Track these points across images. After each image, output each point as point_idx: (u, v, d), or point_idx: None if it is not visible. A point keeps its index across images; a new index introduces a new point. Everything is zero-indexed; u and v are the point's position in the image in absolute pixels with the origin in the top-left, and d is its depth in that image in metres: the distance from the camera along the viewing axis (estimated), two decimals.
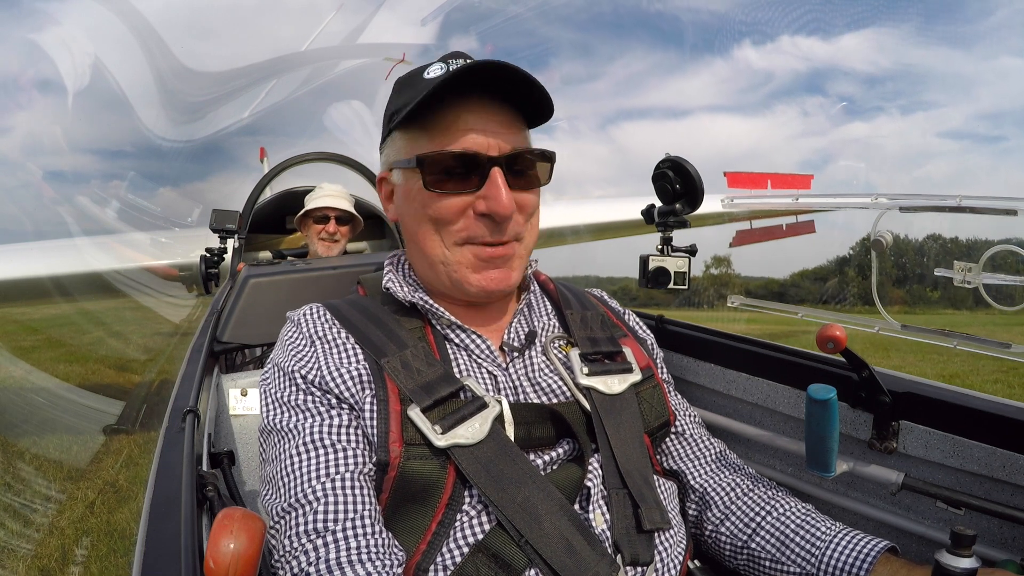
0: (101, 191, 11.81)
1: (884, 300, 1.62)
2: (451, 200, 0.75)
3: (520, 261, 0.81)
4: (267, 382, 0.80)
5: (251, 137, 14.66)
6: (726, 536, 0.87)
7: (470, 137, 0.73)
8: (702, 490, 0.92)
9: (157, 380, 5.66)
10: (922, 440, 0.98)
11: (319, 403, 0.74)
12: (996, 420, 0.90)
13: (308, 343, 0.80)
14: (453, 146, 0.73)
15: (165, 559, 0.56)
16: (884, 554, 0.74)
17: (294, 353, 0.79)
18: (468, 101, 0.74)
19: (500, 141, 0.73)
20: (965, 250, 1.75)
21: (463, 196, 0.74)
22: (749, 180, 5.34)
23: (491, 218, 0.74)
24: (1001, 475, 0.90)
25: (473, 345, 0.81)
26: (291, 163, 3.08)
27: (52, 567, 2.45)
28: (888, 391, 0.99)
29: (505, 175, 0.73)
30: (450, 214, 0.75)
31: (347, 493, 0.67)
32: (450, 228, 0.76)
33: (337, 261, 1.68)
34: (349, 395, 0.74)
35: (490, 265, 0.77)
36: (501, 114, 0.75)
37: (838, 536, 0.78)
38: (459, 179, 0.74)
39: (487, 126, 0.73)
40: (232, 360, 1.85)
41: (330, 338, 0.80)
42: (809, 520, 0.83)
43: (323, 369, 0.76)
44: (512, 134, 0.76)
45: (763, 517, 0.85)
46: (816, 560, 0.77)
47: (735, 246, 4.39)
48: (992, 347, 1.27)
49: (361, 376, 0.75)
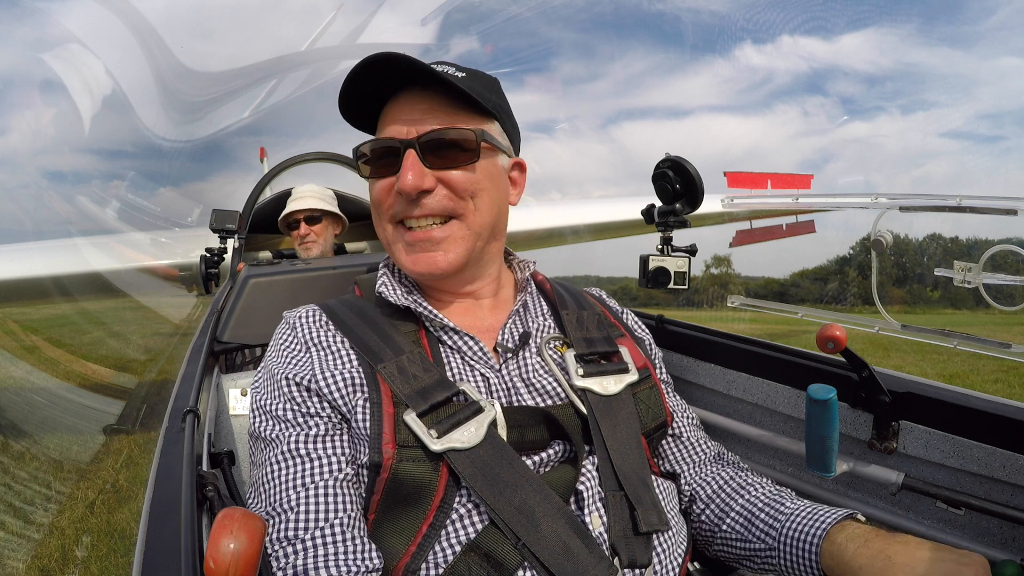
0: (101, 191, 11.79)
1: (884, 300, 1.62)
2: (380, 183, 0.82)
3: (458, 243, 0.82)
4: (256, 388, 0.82)
5: (251, 137, 14.65)
6: (705, 523, 0.89)
7: (391, 127, 0.80)
8: (696, 490, 0.92)
9: (158, 380, 5.66)
10: (922, 440, 0.98)
11: (301, 413, 0.75)
12: (996, 420, 0.90)
13: (302, 347, 0.81)
14: (378, 135, 0.82)
15: (165, 559, 0.56)
16: (843, 521, 0.75)
17: (287, 355, 0.81)
18: (400, 96, 0.81)
19: (417, 127, 0.79)
20: (965, 250, 1.75)
21: (388, 178, 0.81)
22: (749, 180, 5.34)
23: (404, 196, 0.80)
24: (1001, 475, 0.90)
25: (466, 347, 0.81)
26: (291, 163, 3.08)
27: (52, 567, 2.45)
28: (888, 391, 0.99)
29: (422, 155, 0.78)
30: (380, 195, 0.82)
31: (320, 502, 0.69)
32: (381, 208, 0.83)
33: (337, 261, 1.68)
34: (339, 397, 0.75)
35: (416, 248, 0.82)
36: (426, 102, 0.80)
37: (802, 511, 0.79)
38: (385, 165, 0.81)
39: (408, 115, 0.80)
40: (232, 360, 1.85)
41: (324, 342, 0.81)
42: (777, 499, 0.85)
43: (315, 372, 0.77)
44: (435, 117, 0.79)
45: (735, 500, 0.87)
46: (777, 533, 0.78)
47: (735, 246, 4.39)
48: (992, 347, 1.27)
49: (353, 379, 0.76)
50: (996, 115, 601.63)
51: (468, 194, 0.81)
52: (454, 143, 0.79)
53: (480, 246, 0.84)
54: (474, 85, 0.81)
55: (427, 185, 0.78)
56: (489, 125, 0.83)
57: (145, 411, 4.82)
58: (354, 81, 0.79)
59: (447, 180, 0.79)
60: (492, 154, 0.83)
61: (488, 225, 0.84)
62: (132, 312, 7.79)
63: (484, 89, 0.83)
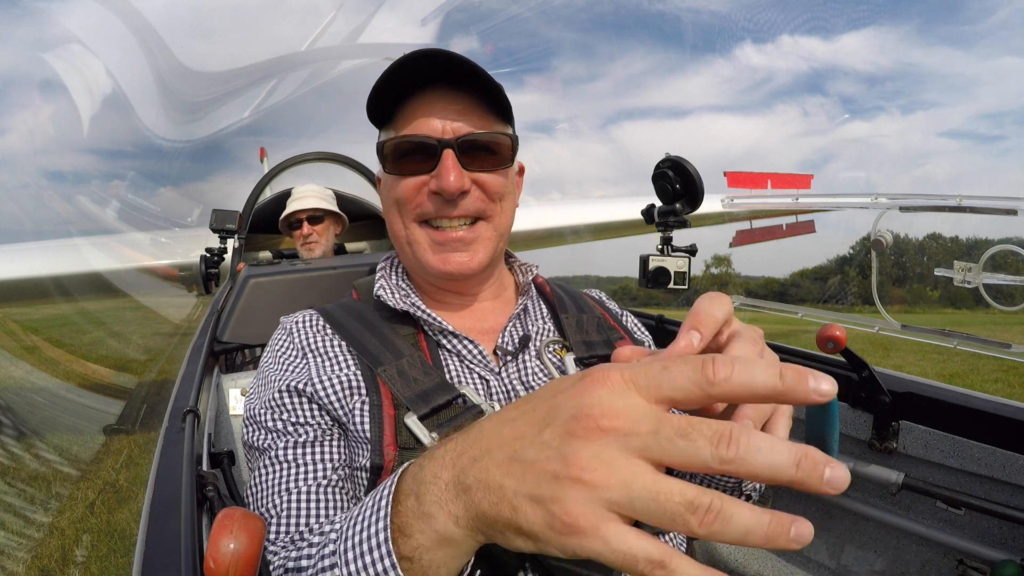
0: (101, 191, 11.80)
1: (884, 300, 1.62)
2: (408, 181, 0.80)
3: (486, 244, 0.82)
4: (250, 397, 0.83)
5: (251, 137, 14.66)
6: None
7: (424, 122, 0.78)
8: None
9: (158, 380, 5.66)
10: (922, 440, 0.98)
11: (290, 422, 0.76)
12: (996, 420, 0.90)
13: (298, 352, 0.81)
14: (407, 131, 0.79)
15: (165, 559, 0.56)
16: None
17: (283, 362, 0.81)
18: (427, 93, 0.79)
19: (455, 126, 0.78)
20: (965, 250, 1.75)
21: (419, 177, 0.80)
22: (749, 180, 5.33)
23: (442, 196, 0.79)
24: (1001, 475, 0.90)
25: (465, 351, 0.81)
26: (291, 163, 3.08)
27: (52, 567, 2.45)
28: (888, 391, 0.99)
29: (460, 157, 0.77)
30: (407, 193, 0.81)
31: (301, 506, 0.70)
32: (407, 207, 0.82)
33: (337, 261, 1.67)
34: (335, 401, 0.75)
35: (447, 248, 0.81)
36: (459, 102, 0.79)
37: None
38: (416, 162, 0.79)
39: (443, 114, 0.78)
40: (232, 360, 1.84)
41: (322, 347, 0.81)
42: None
43: (311, 377, 0.77)
44: (469, 119, 0.79)
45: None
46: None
47: (735, 246, 4.38)
48: (992, 347, 1.27)
49: (351, 381, 0.76)
50: (996, 115, 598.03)
51: (498, 197, 0.82)
52: (489, 146, 0.80)
53: (502, 247, 0.87)
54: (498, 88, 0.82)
55: (467, 186, 0.79)
56: (509, 128, 0.85)
57: (145, 411, 4.82)
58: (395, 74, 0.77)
59: (481, 182, 0.80)
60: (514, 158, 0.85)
61: (509, 227, 0.86)
62: (132, 312, 7.80)
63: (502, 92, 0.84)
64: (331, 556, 0.50)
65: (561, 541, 0.36)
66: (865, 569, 1.11)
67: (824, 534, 1.18)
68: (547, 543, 0.37)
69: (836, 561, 1.15)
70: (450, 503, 0.42)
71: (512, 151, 0.82)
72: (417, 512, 0.43)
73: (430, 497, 0.43)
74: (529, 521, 0.37)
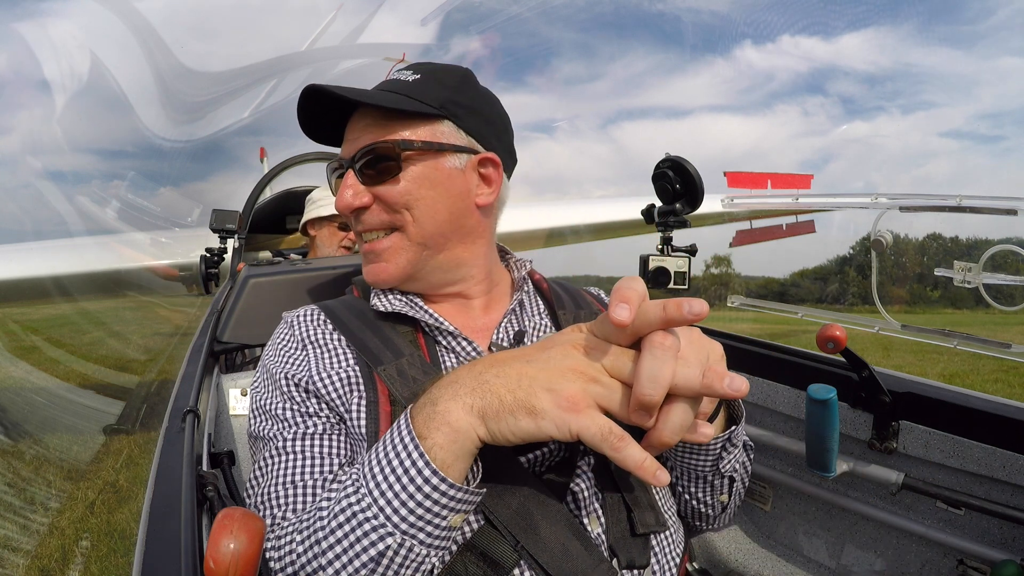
0: (101, 191, 11.79)
1: (884, 300, 1.62)
2: None
3: (399, 253, 0.82)
4: (256, 389, 0.83)
5: (251, 137, 14.65)
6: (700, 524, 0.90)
7: (345, 144, 0.84)
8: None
9: (158, 380, 5.66)
10: (922, 440, 0.98)
11: (299, 412, 0.75)
12: (996, 420, 0.90)
13: (299, 344, 0.81)
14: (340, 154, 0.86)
15: (165, 559, 0.56)
16: None
17: (284, 355, 0.81)
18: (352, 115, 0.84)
19: (354, 145, 0.81)
20: (965, 250, 1.75)
21: None
22: (749, 180, 5.32)
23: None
24: (1001, 475, 0.90)
25: (459, 348, 0.81)
26: (291, 163, 3.08)
27: (52, 567, 2.45)
28: (888, 391, 1.00)
29: (361, 173, 0.80)
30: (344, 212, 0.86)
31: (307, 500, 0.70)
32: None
33: (337, 261, 1.67)
34: (336, 396, 0.75)
35: (368, 259, 0.85)
36: (364, 119, 0.81)
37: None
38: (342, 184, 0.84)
39: (351, 134, 0.82)
40: (232, 360, 1.84)
41: (322, 340, 0.81)
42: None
43: (311, 373, 0.77)
44: (366, 135, 0.80)
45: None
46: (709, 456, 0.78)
47: (735, 246, 4.38)
48: (992, 347, 1.27)
49: (350, 377, 0.76)
50: (996, 115, 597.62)
51: (401, 206, 0.80)
52: (381, 157, 0.79)
53: (428, 255, 0.83)
54: (421, 87, 0.79)
55: (363, 202, 0.81)
56: (433, 127, 0.80)
57: (145, 411, 4.82)
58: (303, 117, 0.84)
59: (380, 195, 0.80)
60: (432, 157, 0.80)
61: (433, 234, 0.82)
62: (132, 312, 7.79)
63: (438, 88, 0.80)
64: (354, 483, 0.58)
65: (563, 416, 0.50)
66: (865, 569, 1.11)
67: (824, 534, 1.18)
68: (551, 420, 0.51)
69: (836, 561, 1.16)
70: (467, 396, 0.53)
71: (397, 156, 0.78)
72: (432, 414, 0.54)
73: (446, 396, 0.54)
74: (542, 401, 0.51)
